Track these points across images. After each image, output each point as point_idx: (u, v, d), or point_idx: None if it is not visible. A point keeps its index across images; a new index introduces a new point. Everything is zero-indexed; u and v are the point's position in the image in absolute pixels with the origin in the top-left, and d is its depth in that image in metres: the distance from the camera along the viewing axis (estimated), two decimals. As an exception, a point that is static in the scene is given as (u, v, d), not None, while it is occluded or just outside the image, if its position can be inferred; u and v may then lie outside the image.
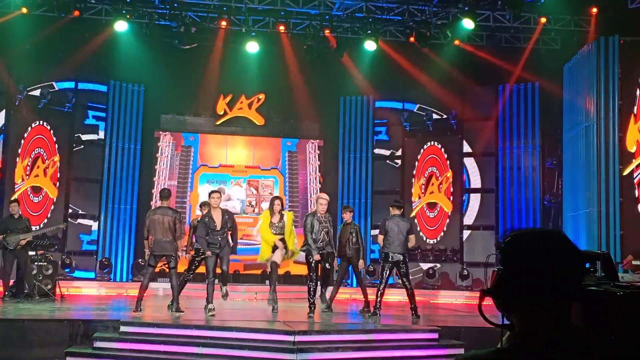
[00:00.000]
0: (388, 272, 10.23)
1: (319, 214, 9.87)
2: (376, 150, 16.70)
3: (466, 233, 15.65)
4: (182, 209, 16.15)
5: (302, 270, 13.23)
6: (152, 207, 12.52)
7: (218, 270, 9.96)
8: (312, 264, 9.73)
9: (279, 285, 10.58)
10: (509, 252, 1.62)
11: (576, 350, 1.51)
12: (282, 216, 10.06)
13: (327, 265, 10.10)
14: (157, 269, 10.90)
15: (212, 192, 10.19)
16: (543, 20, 13.84)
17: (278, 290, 10.14)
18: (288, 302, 12.40)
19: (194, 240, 10.80)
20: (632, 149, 12.23)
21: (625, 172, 12.16)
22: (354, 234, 10.82)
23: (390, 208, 10.50)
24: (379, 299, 10.09)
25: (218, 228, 9.77)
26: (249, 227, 15.94)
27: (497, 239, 14.89)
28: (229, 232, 9.95)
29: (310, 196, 16.60)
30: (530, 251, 1.59)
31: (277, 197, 10.48)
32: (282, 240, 10.01)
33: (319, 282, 10.09)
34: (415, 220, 15.71)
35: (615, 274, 4.20)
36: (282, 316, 9.28)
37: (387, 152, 16.68)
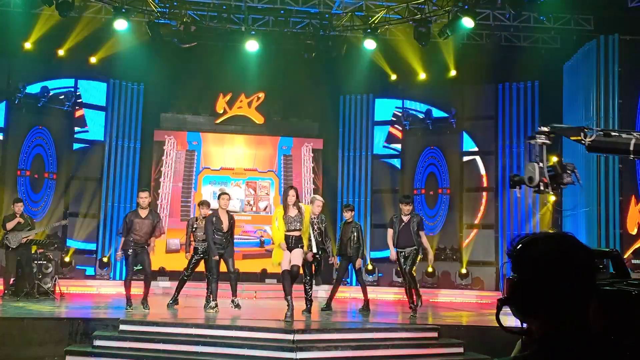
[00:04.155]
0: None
1: (312, 215, 9.88)
2: (376, 149, 16.69)
3: (466, 232, 15.65)
4: (186, 208, 16.22)
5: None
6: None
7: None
8: (305, 263, 9.71)
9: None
10: (521, 258, 1.63)
11: (595, 354, 1.51)
12: (299, 209, 8.94)
13: (315, 264, 9.94)
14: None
15: (222, 193, 10.22)
16: (543, 18, 13.84)
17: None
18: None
19: (191, 239, 10.83)
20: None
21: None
22: (355, 233, 10.83)
23: (400, 204, 10.51)
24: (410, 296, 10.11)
25: (225, 229, 9.81)
26: (246, 224, 16.25)
27: (506, 246, 14.88)
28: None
29: (305, 197, 16.63)
30: (541, 255, 1.59)
31: (291, 188, 9.21)
32: (295, 238, 8.91)
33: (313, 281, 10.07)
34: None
35: (626, 271, 4.20)
36: (281, 314, 9.25)
37: (386, 151, 16.67)
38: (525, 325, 1.66)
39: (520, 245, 1.65)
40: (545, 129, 5.13)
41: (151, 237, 10.17)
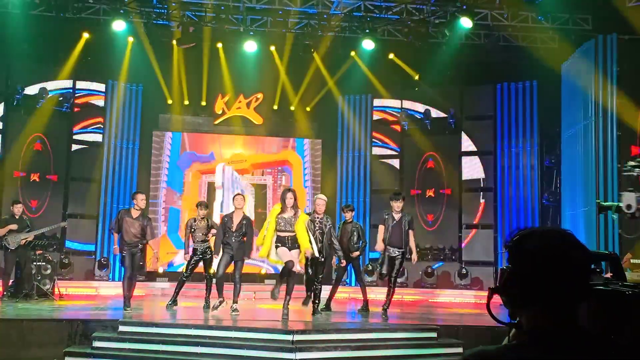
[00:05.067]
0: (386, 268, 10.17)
1: (315, 214, 9.84)
2: (375, 149, 16.70)
3: (465, 232, 15.66)
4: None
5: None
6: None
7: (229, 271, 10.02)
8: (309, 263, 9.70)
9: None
10: (517, 251, 1.64)
11: (582, 351, 1.52)
12: (296, 212, 8.99)
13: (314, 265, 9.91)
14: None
15: (236, 194, 10.32)
16: (541, 18, 13.84)
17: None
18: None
19: (190, 240, 10.84)
20: None
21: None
22: (355, 233, 10.79)
23: (391, 202, 10.28)
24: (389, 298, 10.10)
25: (233, 229, 9.79)
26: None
27: (504, 238, 14.92)
28: (244, 238, 9.97)
29: (303, 197, 16.59)
30: (538, 250, 1.60)
31: (289, 190, 9.26)
32: (292, 238, 8.99)
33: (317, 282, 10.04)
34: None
35: (623, 274, 4.23)
36: (280, 315, 9.26)
37: (385, 151, 16.68)
38: (511, 319, 1.67)
39: (518, 237, 1.66)
40: (634, 163, 6.31)
41: (145, 241, 10.27)
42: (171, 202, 16.34)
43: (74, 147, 15.40)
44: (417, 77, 15.77)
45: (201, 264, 10.73)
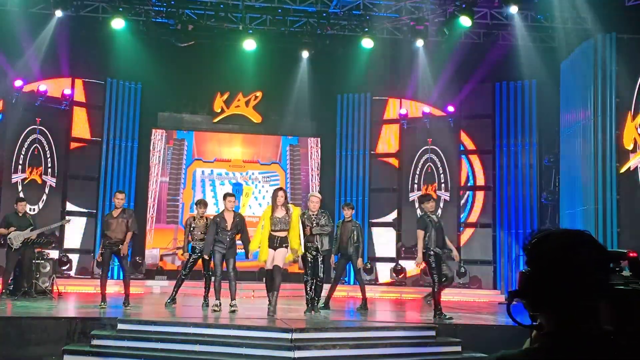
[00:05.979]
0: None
1: (310, 212, 9.88)
2: (373, 148, 16.69)
3: (463, 230, 15.67)
4: (175, 207, 16.19)
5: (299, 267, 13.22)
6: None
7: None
8: (309, 261, 9.71)
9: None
10: (536, 253, 1.64)
11: (604, 352, 1.52)
12: (287, 210, 9.29)
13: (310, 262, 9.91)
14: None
15: (227, 195, 10.30)
16: (540, 17, 13.84)
17: None
18: (285, 299, 12.37)
19: (190, 239, 10.84)
20: (629, 146, 12.25)
21: (622, 170, 12.17)
22: (355, 232, 10.80)
23: (423, 204, 10.13)
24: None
25: (228, 228, 9.85)
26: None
27: (523, 240, 14.92)
28: (238, 236, 9.99)
29: (311, 191, 16.57)
30: (557, 252, 1.60)
31: (280, 189, 9.64)
32: (281, 239, 9.24)
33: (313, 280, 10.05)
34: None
35: None
36: (279, 314, 9.29)
37: (384, 150, 16.67)
38: (531, 321, 1.67)
39: (535, 239, 1.66)
40: None
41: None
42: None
43: (73, 145, 15.39)
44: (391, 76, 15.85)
45: (200, 262, 10.74)
